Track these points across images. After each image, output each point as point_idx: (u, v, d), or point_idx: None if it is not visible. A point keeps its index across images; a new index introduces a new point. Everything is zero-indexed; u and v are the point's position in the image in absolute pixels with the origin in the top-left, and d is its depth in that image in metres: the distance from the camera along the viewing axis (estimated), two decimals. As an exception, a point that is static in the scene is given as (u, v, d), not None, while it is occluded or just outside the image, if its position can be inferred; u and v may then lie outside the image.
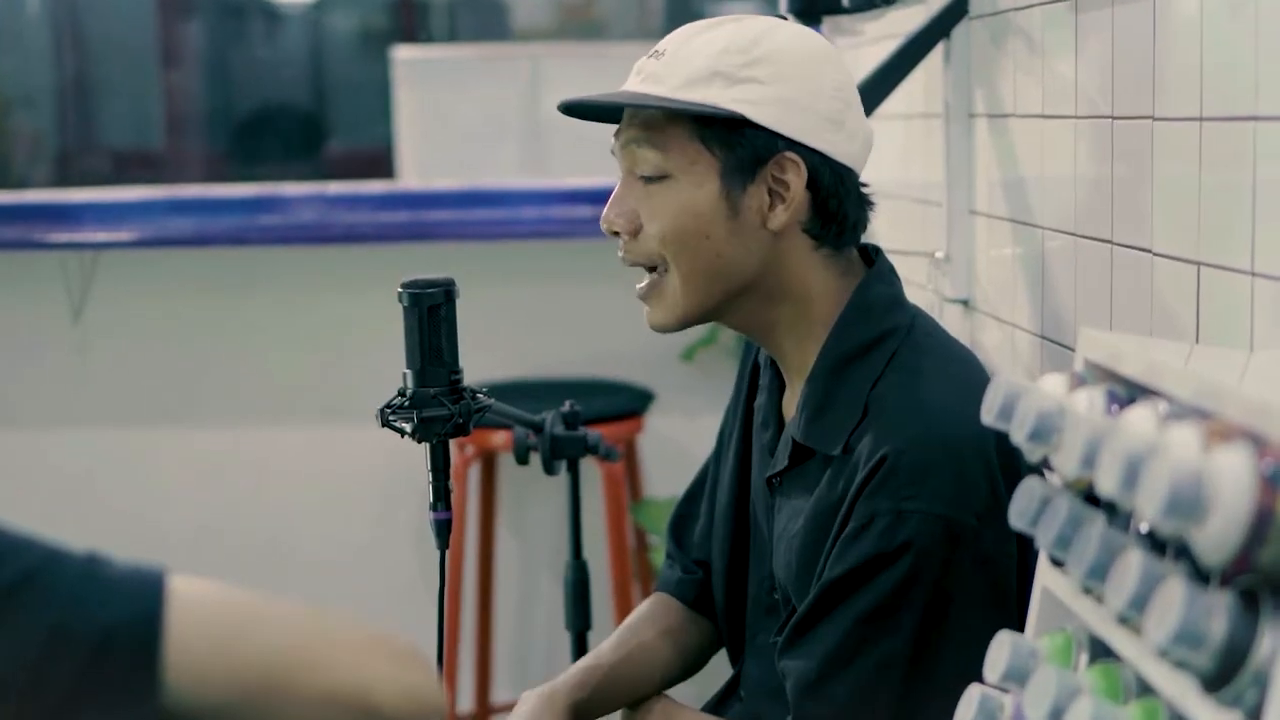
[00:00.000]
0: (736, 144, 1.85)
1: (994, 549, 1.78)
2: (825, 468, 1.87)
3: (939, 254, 2.67)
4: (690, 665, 2.23)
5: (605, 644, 2.18)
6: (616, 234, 1.95)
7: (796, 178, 1.86)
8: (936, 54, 2.60)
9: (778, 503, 1.97)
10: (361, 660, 1.26)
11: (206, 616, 1.22)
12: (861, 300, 1.92)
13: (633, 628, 2.21)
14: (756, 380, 2.11)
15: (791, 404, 1.97)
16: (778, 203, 1.87)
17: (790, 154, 1.85)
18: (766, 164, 1.86)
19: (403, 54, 5.19)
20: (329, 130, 8.07)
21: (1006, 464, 1.78)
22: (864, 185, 1.95)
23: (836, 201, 1.89)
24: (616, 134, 1.94)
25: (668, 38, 1.92)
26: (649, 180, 1.90)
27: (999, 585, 1.80)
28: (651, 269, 1.93)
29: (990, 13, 2.45)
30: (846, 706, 1.81)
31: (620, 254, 1.95)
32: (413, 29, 7.86)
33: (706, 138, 1.86)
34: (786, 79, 1.85)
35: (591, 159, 4.71)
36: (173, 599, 1.20)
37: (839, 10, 2.68)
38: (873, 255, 1.97)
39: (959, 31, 2.56)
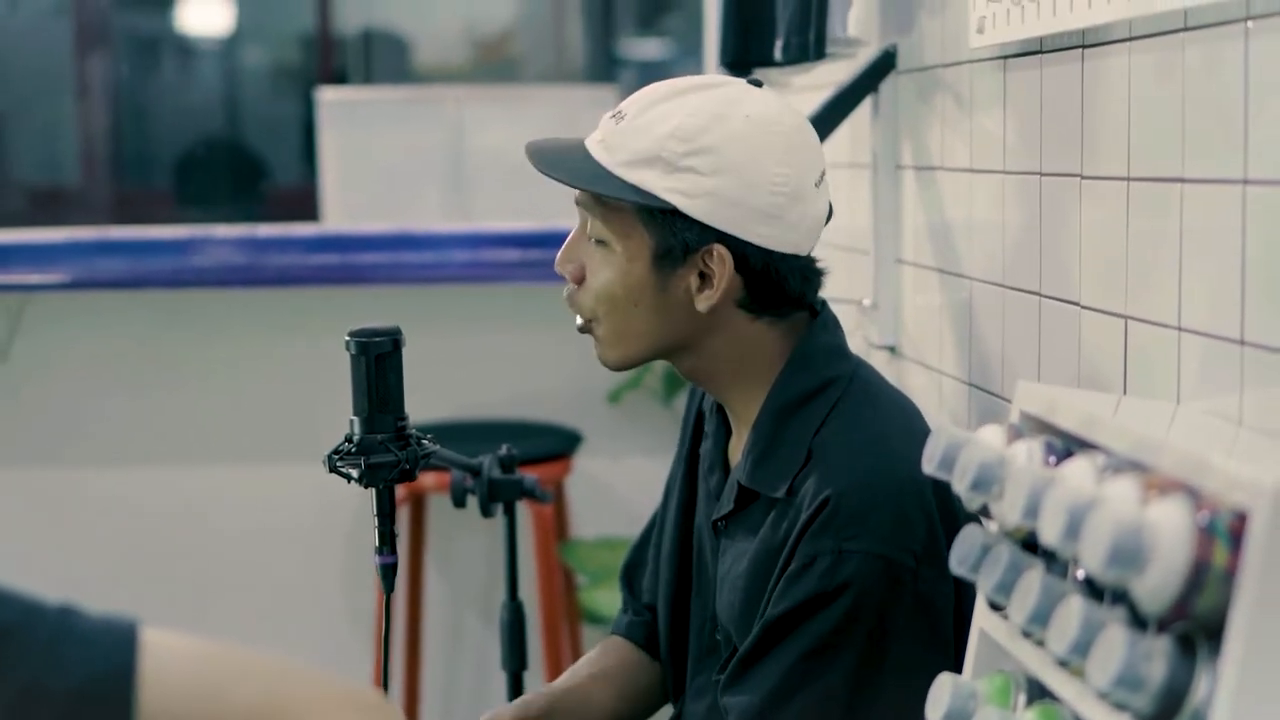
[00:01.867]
0: (669, 230, 1.91)
1: (932, 588, 1.84)
2: (769, 510, 1.93)
3: (866, 301, 2.73)
4: (641, 707, 2.28)
5: (556, 681, 2.23)
6: (564, 277, 2.00)
7: (722, 267, 1.91)
8: (865, 106, 2.66)
9: (722, 545, 2.02)
10: (333, 713, 1.27)
11: (179, 669, 1.23)
12: (806, 349, 1.98)
13: (586, 660, 2.28)
14: (701, 426, 2.17)
15: (737, 449, 2.03)
16: (706, 287, 1.93)
17: (719, 247, 1.90)
18: (697, 252, 1.91)
19: (327, 95, 5.22)
20: (249, 168, 8.07)
21: (944, 507, 1.85)
22: (812, 261, 1.99)
23: (770, 283, 1.95)
24: (577, 194, 1.99)
25: (633, 97, 1.97)
26: (596, 242, 1.97)
27: (937, 624, 1.86)
28: (590, 319, 2.00)
29: (918, 68, 2.52)
30: None
31: (565, 295, 2.01)
32: (328, 66, 7.87)
33: (644, 218, 1.92)
34: (724, 172, 1.88)
35: (515, 203, 4.78)
36: (145, 652, 1.22)
37: (771, 63, 2.74)
38: (818, 307, 2.03)
39: (887, 85, 2.63)
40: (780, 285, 1.95)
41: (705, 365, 2.00)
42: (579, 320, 2.02)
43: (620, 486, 4.19)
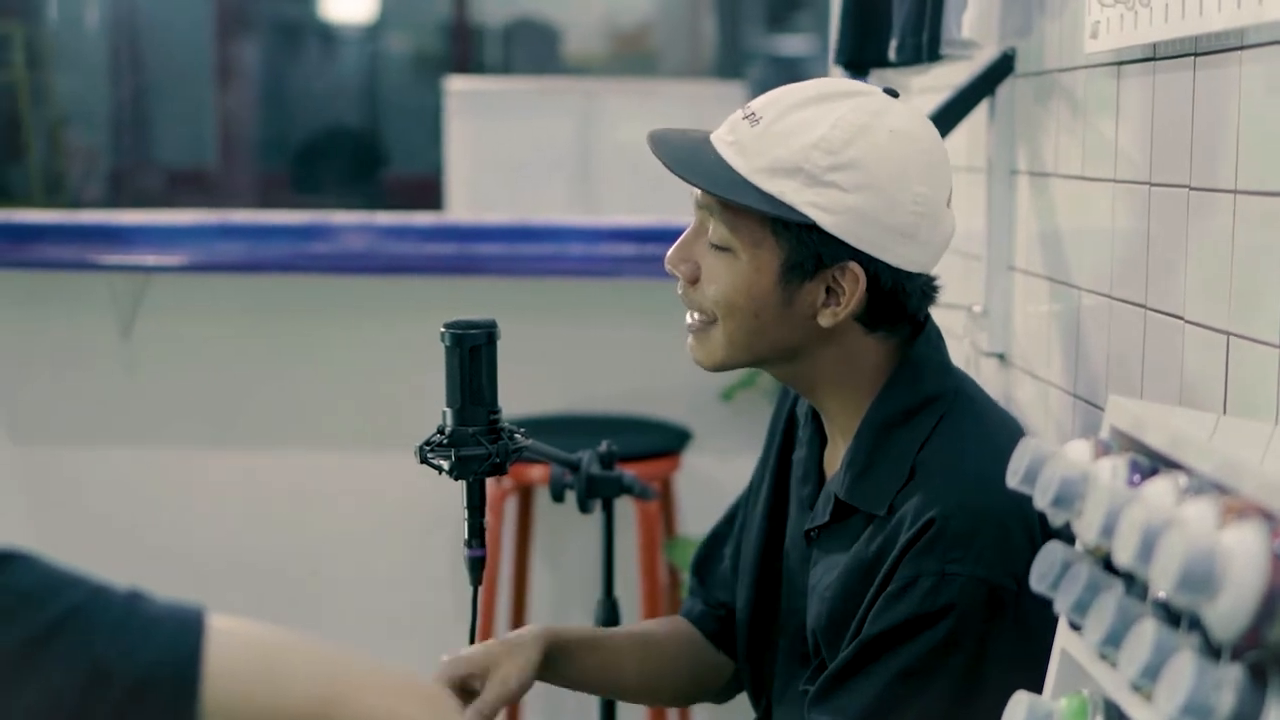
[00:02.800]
0: (803, 243, 1.87)
1: (1035, 615, 1.78)
2: (866, 526, 1.90)
3: (977, 308, 2.69)
4: (683, 689, 2.28)
5: (594, 628, 2.23)
6: (678, 276, 1.97)
7: (854, 285, 1.88)
8: (981, 110, 2.63)
9: (814, 555, 2.00)
10: (394, 703, 1.29)
11: (244, 657, 1.25)
12: (910, 365, 1.95)
13: (633, 625, 2.29)
14: (792, 432, 2.14)
15: (833, 460, 2.00)
16: (832, 302, 1.89)
17: (854, 264, 1.87)
18: (829, 268, 1.88)
19: (456, 85, 5.24)
20: (382, 156, 8.12)
21: (1048, 530, 1.81)
22: (933, 279, 1.96)
23: (895, 302, 1.92)
24: (698, 196, 1.95)
25: (767, 97, 1.92)
26: (715, 246, 1.92)
27: (1038, 650, 1.82)
28: (703, 318, 1.97)
29: (1035, 72, 2.48)
30: None
31: (679, 292, 1.98)
32: (466, 55, 7.91)
33: (776, 228, 1.87)
34: (866, 189, 1.84)
35: (641, 198, 4.77)
36: (211, 639, 1.23)
37: (886, 64, 2.71)
38: (921, 319, 1.99)
39: (1004, 89, 2.59)
40: (902, 304, 1.92)
41: (808, 373, 1.97)
42: (692, 318, 1.98)
43: (729, 485, 4.12)
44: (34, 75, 7.30)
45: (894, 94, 1.94)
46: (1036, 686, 1.74)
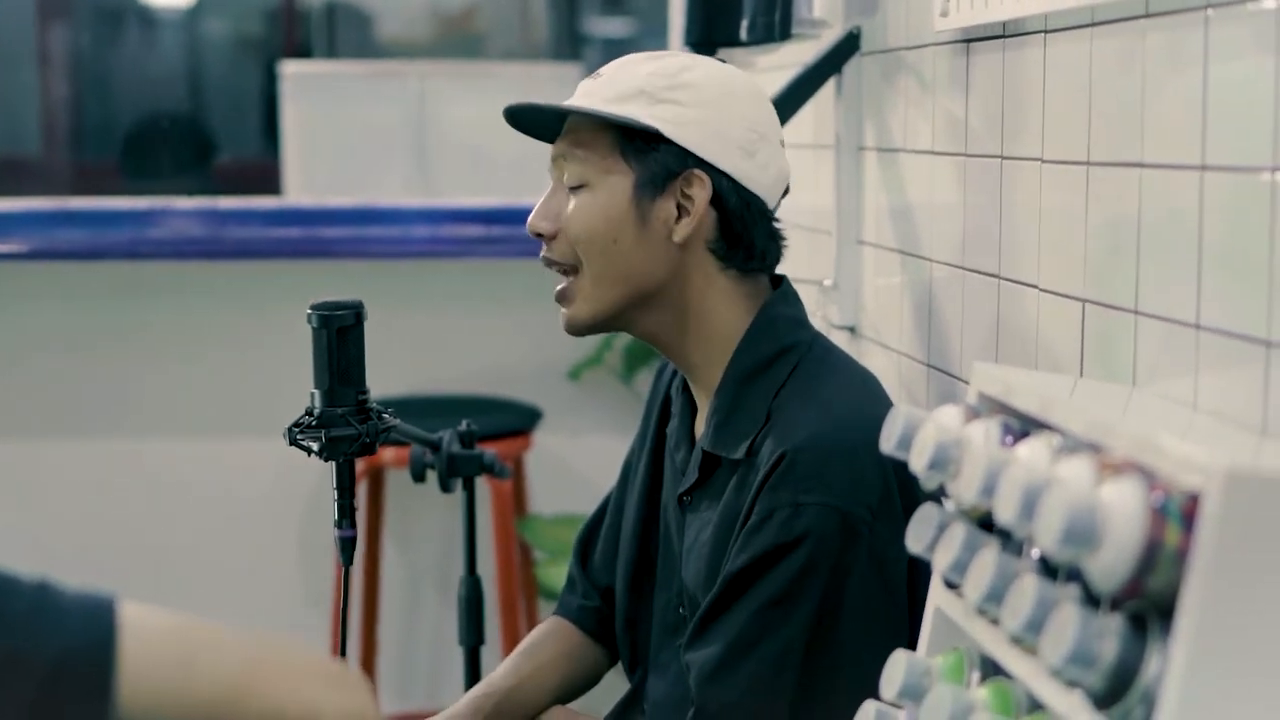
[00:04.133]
0: (650, 158, 1.97)
1: (886, 544, 1.86)
2: (732, 475, 1.96)
3: (827, 281, 2.74)
4: (581, 688, 2.32)
5: (498, 670, 2.26)
6: (540, 236, 2.03)
7: (702, 192, 1.96)
8: (829, 88, 2.68)
9: (688, 519, 2.05)
10: (307, 685, 1.30)
11: (158, 643, 1.25)
12: (766, 318, 2.02)
13: (527, 652, 2.29)
14: (667, 410, 2.18)
15: (702, 422, 2.05)
16: (684, 215, 1.97)
17: (698, 171, 1.96)
18: (676, 179, 1.97)
19: (290, 69, 5.21)
20: (210, 141, 8.03)
21: (899, 468, 1.87)
22: (775, 219, 2.04)
23: (742, 225, 2.00)
24: (553, 150, 2.05)
25: (611, 63, 2.06)
26: (573, 190, 2.01)
27: (891, 578, 1.89)
28: (566, 272, 2.03)
29: (882, 50, 2.53)
30: (747, 692, 1.89)
31: (541, 254, 2.04)
32: (291, 39, 7.84)
33: (625, 150, 1.98)
34: (704, 105, 1.97)
35: (478, 179, 4.78)
36: (124, 626, 1.23)
37: (736, 43, 2.74)
38: (772, 266, 2.07)
39: (850, 67, 2.64)
40: (750, 232, 2.00)
41: (671, 320, 2.02)
42: (559, 284, 2.03)
43: (579, 463, 4.20)
44: None
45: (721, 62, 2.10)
46: (892, 615, 1.82)
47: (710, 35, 2.79)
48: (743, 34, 2.63)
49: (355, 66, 6.00)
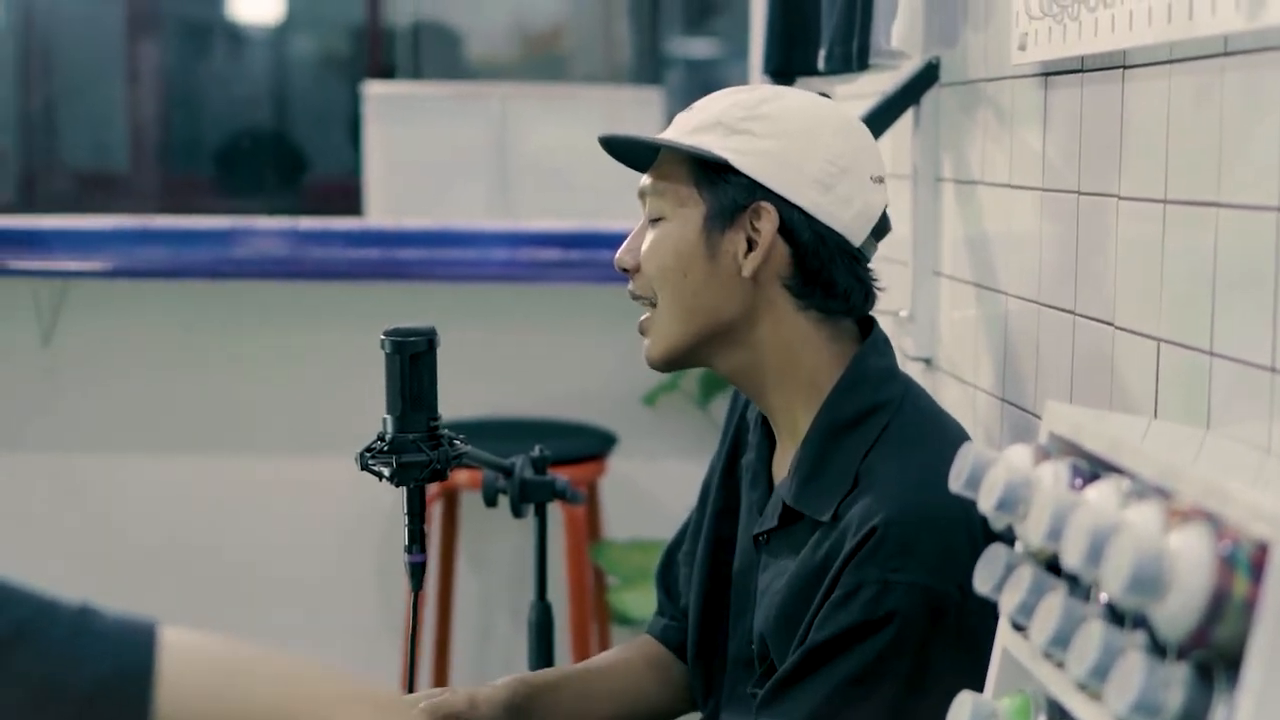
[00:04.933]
0: (721, 189, 1.95)
1: (976, 622, 1.80)
2: (813, 531, 1.92)
3: (903, 313, 2.73)
4: (655, 710, 2.28)
5: (560, 667, 2.25)
6: (626, 271, 2.03)
7: (769, 225, 1.93)
8: (906, 118, 2.67)
9: (764, 560, 2.02)
10: (348, 712, 1.29)
11: (197, 669, 1.24)
12: (857, 371, 1.97)
13: (595, 658, 2.29)
14: (742, 436, 2.16)
15: (781, 464, 2.03)
16: (752, 248, 1.95)
17: (765, 203, 1.93)
18: (745, 211, 1.94)
19: (374, 89, 5.24)
20: (297, 159, 8.08)
21: (991, 538, 1.84)
22: (863, 260, 1.99)
23: (818, 260, 1.95)
24: (640, 183, 2.05)
25: (706, 96, 2.04)
26: (652, 222, 2.01)
27: (980, 658, 1.84)
28: (650, 304, 2.02)
29: (961, 81, 2.52)
30: None
31: (628, 287, 2.04)
32: (376, 59, 7.88)
33: (699, 181, 1.97)
34: (779, 135, 1.94)
35: (558, 202, 4.79)
36: (164, 652, 1.22)
37: (814, 72, 2.74)
38: (869, 324, 2.03)
39: (929, 98, 2.63)
40: (827, 269, 1.96)
41: (751, 360, 1.99)
42: (642, 316, 2.03)
43: (654, 489, 4.20)
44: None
45: (826, 97, 2.03)
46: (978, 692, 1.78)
47: (788, 65, 2.79)
48: (820, 64, 2.63)
49: (438, 88, 6.00)
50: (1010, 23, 2.18)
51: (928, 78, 2.62)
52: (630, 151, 2.06)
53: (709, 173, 1.96)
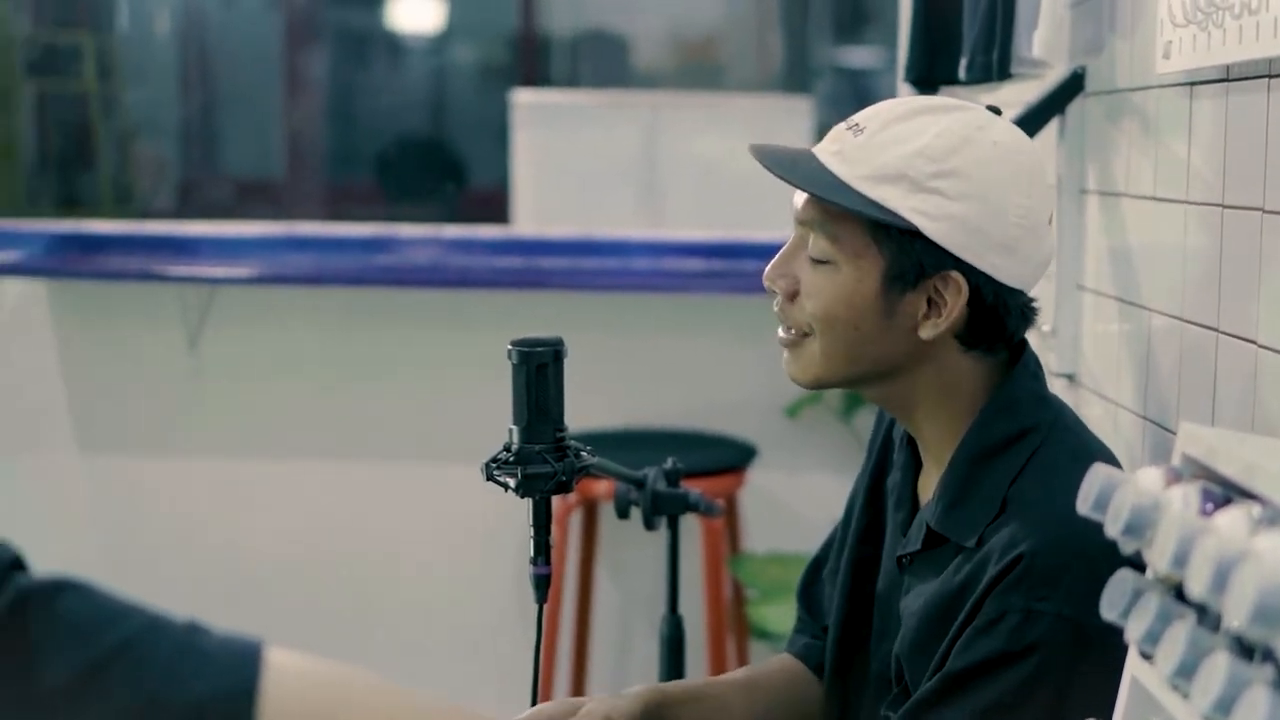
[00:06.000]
0: (905, 251, 1.84)
1: (1122, 655, 1.77)
2: (955, 555, 1.88)
3: (1046, 327, 2.67)
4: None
5: (699, 679, 2.21)
6: (775, 292, 1.95)
7: (956, 296, 1.85)
8: (1051, 129, 2.61)
9: (907, 581, 1.98)
10: None
11: (301, 692, 1.23)
12: (1008, 394, 1.91)
13: (733, 673, 2.25)
14: (888, 454, 2.12)
15: (927, 486, 1.98)
16: (934, 314, 1.87)
17: (956, 274, 1.84)
18: (931, 277, 1.85)
19: (522, 97, 5.24)
20: (452, 167, 8.14)
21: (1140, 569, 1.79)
22: (1031, 301, 1.93)
23: (995, 319, 1.89)
24: (798, 201, 1.94)
25: (871, 110, 1.91)
26: (817, 261, 1.90)
27: None
28: (801, 334, 1.94)
29: (1106, 91, 2.46)
30: None
31: (776, 308, 1.96)
32: (534, 66, 7.92)
33: (879, 237, 1.85)
34: (970, 198, 1.82)
35: (707, 211, 4.76)
36: (268, 673, 1.21)
37: (956, 82, 2.69)
38: (1017, 342, 1.96)
39: (1074, 108, 2.58)
40: (1002, 321, 1.89)
41: (904, 394, 1.94)
42: (785, 334, 1.95)
43: (794, 502, 4.16)
44: (104, 86, 7.36)
45: (997, 111, 1.93)
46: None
47: (930, 74, 2.75)
48: (961, 73, 2.58)
49: (587, 96, 6.01)
50: (1155, 30, 2.12)
51: (1073, 87, 2.56)
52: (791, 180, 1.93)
53: (891, 230, 1.84)
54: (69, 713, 1.18)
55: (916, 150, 1.83)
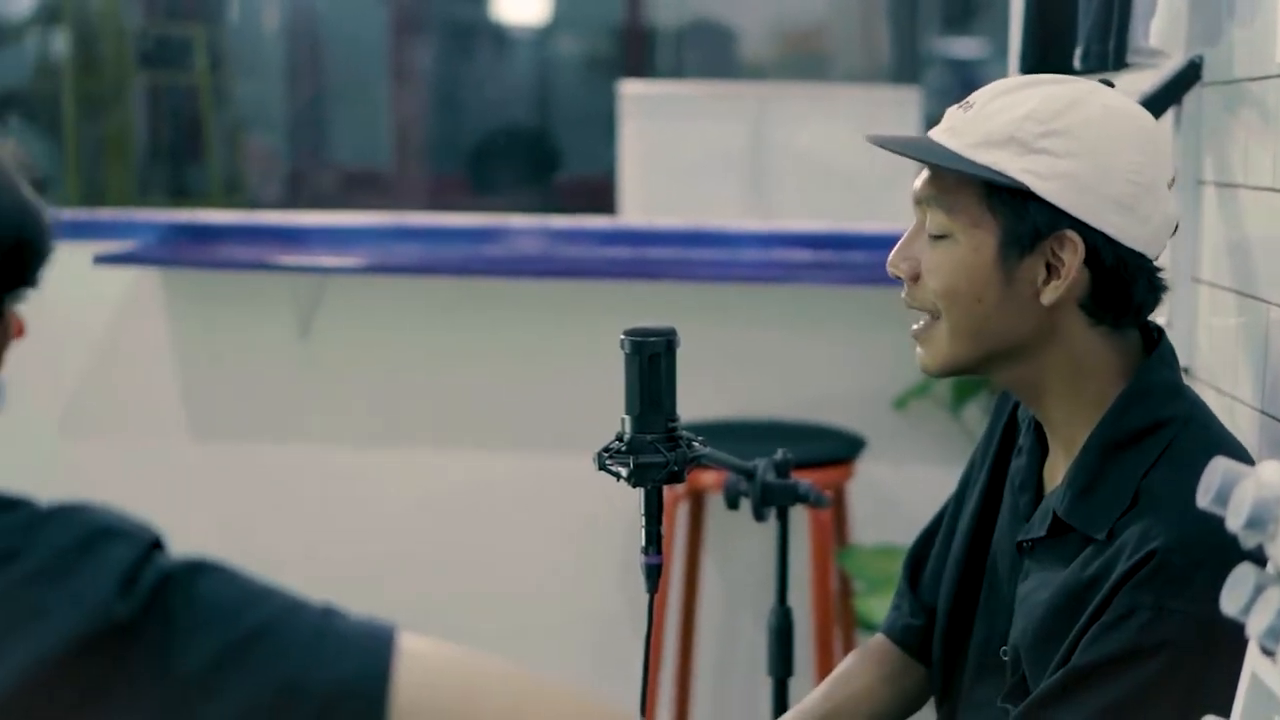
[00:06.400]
0: (1019, 214, 1.84)
1: None
2: (1083, 547, 1.86)
3: (1161, 319, 2.65)
4: (901, 712, 2.25)
5: (811, 697, 2.20)
6: (899, 278, 1.95)
7: (1073, 256, 1.84)
8: (1166, 119, 2.58)
9: (1026, 567, 1.96)
10: None
11: (433, 677, 1.24)
12: (1142, 384, 1.89)
13: (842, 678, 2.24)
14: (1011, 436, 2.10)
15: (1054, 472, 1.97)
16: (1053, 278, 1.86)
17: (1070, 233, 1.83)
18: (1046, 239, 1.84)
19: (630, 89, 5.24)
20: (556, 158, 8.16)
21: None
22: (1158, 269, 1.91)
23: (1118, 282, 1.87)
24: (916, 184, 1.95)
25: (982, 89, 1.92)
26: (935, 238, 1.91)
27: None
28: (929, 316, 1.95)
29: (1224, 81, 2.44)
30: None
31: (903, 295, 1.96)
32: (639, 57, 7.92)
33: (992, 204, 1.86)
34: (1079, 155, 1.82)
35: (813, 202, 4.75)
36: (402, 657, 1.23)
37: (1070, 71, 2.67)
38: (1155, 335, 1.95)
39: (1191, 98, 2.55)
40: (1127, 288, 1.87)
41: (1034, 377, 1.92)
42: (916, 326, 1.96)
43: (902, 494, 4.14)
44: (215, 78, 7.43)
45: (1109, 84, 1.92)
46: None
47: (1044, 63, 2.73)
48: (1076, 62, 2.56)
49: (694, 87, 6.01)
50: (1274, 19, 2.09)
51: (1190, 77, 2.53)
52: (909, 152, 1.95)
53: (1003, 194, 1.85)
54: (207, 695, 1.20)
55: (1025, 114, 1.84)
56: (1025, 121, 1.83)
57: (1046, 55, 2.80)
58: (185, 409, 4.44)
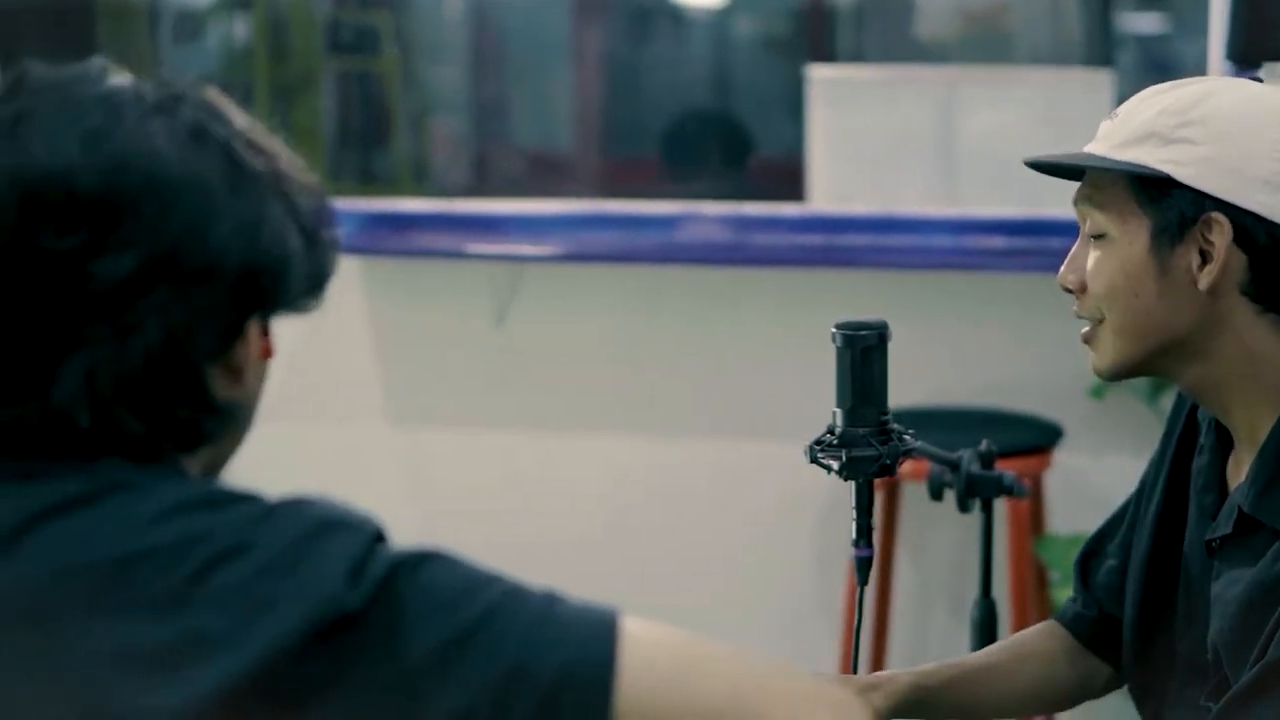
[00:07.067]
0: (1164, 204, 1.87)
1: None
2: (1272, 540, 1.85)
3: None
4: (1068, 694, 2.26)
5: (975, 655, 2.23)
6: (1069, 290, 1.98)
7: (1221, 238, 1.85)
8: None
9: (1216, 566, 1.95)
10: (804, 711, 1.27)
11: (656, 661, 1.25)
12: None
13: (1006, 646, 2.27)
14: (1191, 435, 2.09)
15: (1238, 469, 1.96)
16: (1207, 262, 1.87)
17: (1216, 214, 1.85)
18: (1195, 224, 1.86)
19: (819, 73, 5.21)
20: (741, 142, 8.14)
21: None
22: None
23: (1277, 264, 1.87)
24: (1075, 195, 1.99)
25: (1129, 100, 1.96)
26: (1095, 239, 1.94)
27: None
28: (1095, 322, 1.97)
29: None
30: None
31: (1074, 308, 1.99)
32: (819, 39, 7.88)
33: (1139, 197, 1.89)
34: (1218, 140, 1.85)
35: (1004, 188, 4.70)
36: (625, 641, 1.24)
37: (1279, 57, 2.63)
38: None
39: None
40: None
41: (1209, 373, 1.92)
42: (1084, 329, 1.98)
43: (1099, 484, 4.09)
44: (403, 64, 7.51)
45: (1258, 80, 1.93)
46: None
47: (1252, 49, 2.69)
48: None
49: (882, 71, 5.97)
50: None
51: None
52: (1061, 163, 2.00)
53: (1149, 188, 1.88)
54: (435, 680, 1.22)
55: (1160, 109, 1.88)
56: (1161, 116, 1.87)
57: (1254, 42, 2.76)
58: (384, 395, 4.50)
